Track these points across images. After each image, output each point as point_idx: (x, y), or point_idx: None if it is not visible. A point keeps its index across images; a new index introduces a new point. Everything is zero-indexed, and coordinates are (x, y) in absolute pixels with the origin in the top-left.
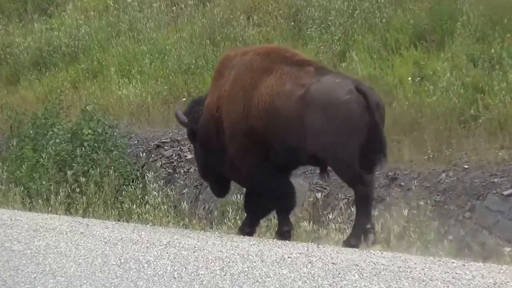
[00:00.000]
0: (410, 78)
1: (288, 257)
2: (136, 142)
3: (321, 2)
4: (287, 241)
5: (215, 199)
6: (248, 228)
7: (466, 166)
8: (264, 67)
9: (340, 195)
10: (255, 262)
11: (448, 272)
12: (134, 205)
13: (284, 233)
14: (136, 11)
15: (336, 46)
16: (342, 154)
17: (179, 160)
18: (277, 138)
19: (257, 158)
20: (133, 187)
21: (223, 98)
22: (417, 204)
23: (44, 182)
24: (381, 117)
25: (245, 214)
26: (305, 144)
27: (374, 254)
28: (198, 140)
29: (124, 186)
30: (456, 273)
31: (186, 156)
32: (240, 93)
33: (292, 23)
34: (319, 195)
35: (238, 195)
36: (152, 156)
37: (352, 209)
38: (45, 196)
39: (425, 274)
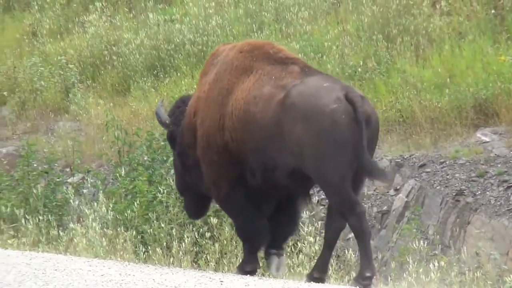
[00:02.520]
0: None
1: None
2: None
3: None
4: None
5: (391, 246)
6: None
7: None
8: (244, 67)
9: None
10: None
11: None
12: (284, 254)
13: (241, 271)
14: None
15: None
16: (328, 173)
17: None
18: (253, 153)
19: (230, 182)
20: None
21: (200, 100)
22: None
23: (163, 225)
24: (372, 132)
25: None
26: (284, 158)
27: None
28: (176, 147)
29: None
30: None
31: None
32: (217, 98)
33: (493, 11)
34: None
35: (421, 241)
36: None
37: None
38: (164, 243)
39: None
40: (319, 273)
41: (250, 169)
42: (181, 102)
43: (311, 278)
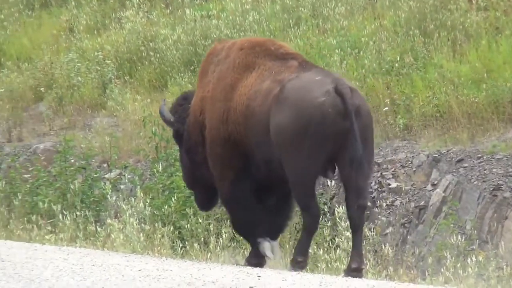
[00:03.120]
0: None
1: None
2: None
3: None
4: None
5: (428, 241)
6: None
7: None
8: (246, 64)
9: None
10: None
11: None
12: (321, 249)
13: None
14: None
15: None
16: (296, 163)
17: (379, 189)
18: (256, 147)
19: (235, 174)
20: (319, 226)
21: (206, 100)
22: None
23: (200, 220)
24: (363, 124)
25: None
26: (275, 149)
27: None
28: (183, 144)
29: None
30: None
31: (389, 184)
32: (221, 95)
33: None
34: None
35: (458, 236)
36: None
37: None
38: (202, 239)
39: None
40: (356, 263)
41: (255, 162)
42: (183, 100)
43: (350, 270)
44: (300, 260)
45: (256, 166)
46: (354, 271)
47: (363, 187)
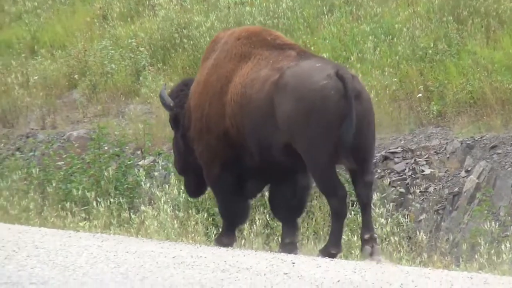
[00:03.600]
0: None
1: None
2: None
3: None
4: None
5: (462, 227)
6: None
7: None
8: (242, 54)
9: None
10: None
11: None
12: (355, 236)
13: (219, 243)
14: None
15: None
16: (310, 150)
17: (413, 176)
18: (250, 135)
19: (223, 164)
20: (353, 212)
21: (199, 85)
22: None
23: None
24: (363, 109)
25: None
26: (276, 136)
27: None
28: (180, 129)
29: None
30: None
31: (423, 171)
32: (216, 85)
33: None
34: None
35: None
36: (378, 171)
37: None
38: None
39: None
40: (368, 233)
41: (249, 151)
42: (183, 85)
43: (363, 241)
44: (333, 253)
45: (249, 154)
46: (369, 240)
47: (366, 167)
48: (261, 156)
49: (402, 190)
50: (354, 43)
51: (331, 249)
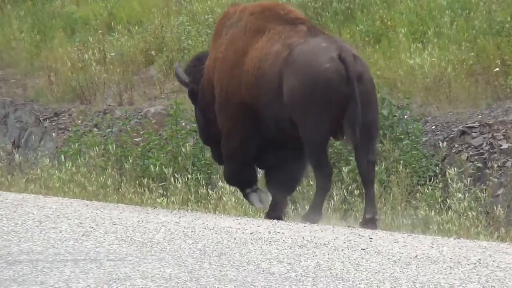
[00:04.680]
0: None
1: None
2: (433, 127)
3: None
4: None
5: None
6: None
7: None
8: (257, 28)
9: None
10: None
11: None
12: (432, 211)
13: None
14: None
15: None
16: (307, 124)
17: (491, 150)
18: (265, 107)
19: (246, 133)
20: (430, 187)
21: (217, 62)
22: None
23: (312, 182)
24: (365, 90)
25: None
26: (284, 109)
27: None
28: (198, 103)
29: (419, 187)
30: None
31: (500, 145)
32: (233, 58)
33: None
34: None
35: None
36: (456, 146)
37: None
38: None
39: None
40: (369, 213)
41: (265, 121)
42: (197, 61)
43: (365, 221)
44: (312, 217)
45: (266, 125)
46: (369, 221)
47: (369, 146)
48: (277, 128)
49: (480, 164)
50: (431, 17)
51: (310, 215)
